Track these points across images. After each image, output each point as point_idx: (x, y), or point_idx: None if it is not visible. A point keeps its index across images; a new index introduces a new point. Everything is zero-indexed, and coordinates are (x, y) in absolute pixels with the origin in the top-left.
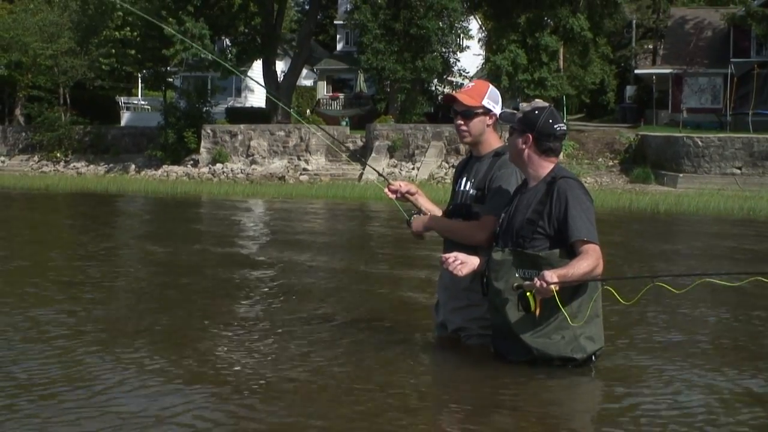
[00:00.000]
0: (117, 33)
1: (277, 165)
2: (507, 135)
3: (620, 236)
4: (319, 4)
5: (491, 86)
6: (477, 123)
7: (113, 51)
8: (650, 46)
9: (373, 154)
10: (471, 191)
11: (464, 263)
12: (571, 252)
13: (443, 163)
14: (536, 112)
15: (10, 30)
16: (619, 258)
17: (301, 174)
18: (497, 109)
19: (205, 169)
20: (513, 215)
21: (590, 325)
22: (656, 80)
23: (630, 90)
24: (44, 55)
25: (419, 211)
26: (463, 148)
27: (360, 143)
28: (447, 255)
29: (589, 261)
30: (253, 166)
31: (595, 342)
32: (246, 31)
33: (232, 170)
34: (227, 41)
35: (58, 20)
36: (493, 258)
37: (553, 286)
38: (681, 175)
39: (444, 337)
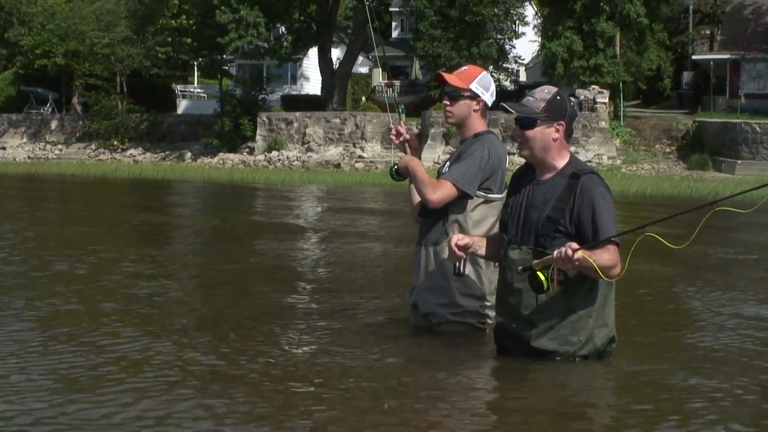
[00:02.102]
0: (173, 21)
1: (333, 152)
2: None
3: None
4: None
5: (484, 72)
6: (462, 105)
7: (169, 39)
8: (707, 32)
9: (429, 141)
10: (444, 170)
11: None
12: None
13: None
14: (559, 97)
15: (67, 19)
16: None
17: (356, 161)
18: (486, 96)
19: (260, 157)
20: (528, 209)
21: (602, 316)
22: (714, 66)
23: (687, 76)
24: (101, 44)
25: None
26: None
27: (415, 130)
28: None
29: (612, 257)
30: (309, 154)
31: (607, 327)
32: (301, 18)
33: (287, 158)
34: (283, 29)
35: (114, 9)
36: (509, 257)
37: (578, 254)
38: (739, 161)
39: (418, 325)
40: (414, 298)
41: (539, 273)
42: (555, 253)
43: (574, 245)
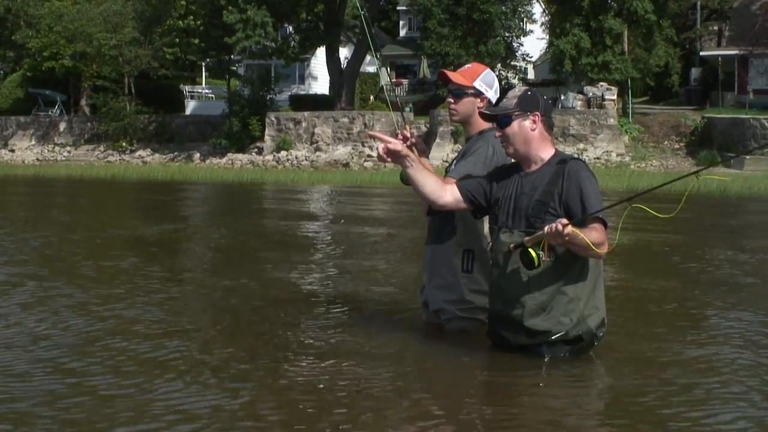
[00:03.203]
0: (180, 22)
1: (341, 152)
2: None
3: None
4: None
5: (488, 69)
6: (466, 103)
7: (177, 40)
8: (715, 28)
9: (438, 140)
10: (451, 168)
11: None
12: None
13: None
14: (530, 93)
15: (74, 21)
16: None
17: (365, 160)
18: (490, 93)
19: (269, 157)
20: (518, 197)
21: (593, 299)
22: (722, 62)
23: (695, 72)
24: (108, 46)
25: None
26: None
27: (424, 129)
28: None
29: (600, 235)
30: (318, 153)
31: (599, 311)
32: (309, 18)
33: (296, 157)
34: (290, 28)
35: (121, 10)
36: (501, 239)
37: (568, 229)
38: (748, 157)
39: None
40: (425, 296)
41: (530, 249)
42: (546, 228)
43: (564, 221)
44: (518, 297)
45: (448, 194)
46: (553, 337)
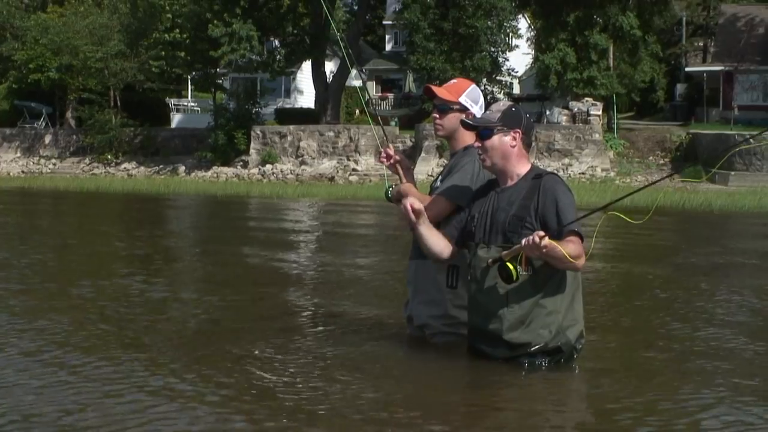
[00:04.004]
0: (166, 35)
1: (327, 165)
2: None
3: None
4: (367, 4)
5: (473, 85)
6: (451, 118)
7: (163, 53)
8: (701, 44)
9: (423, 154)
10: (437, 184)
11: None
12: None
13: None
14: (514, 109)
15: (60, 33)
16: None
17: (350, 174)
18: (475, 109)
19: (254, 170)
20: (494, 213)
21: (571, 311)
22: (707, 78)
23: (680, 88)
24: (94, 58)
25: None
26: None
27: (409, 143)
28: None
29: (577, 248)
30: (303, 167)
31: (578, 324)
32: (294, 32)
33: (281, 171)
34: (276, 42)
35: (107, 23)
36: (478, 255)
37: (545, 241)
38: (732, 173)
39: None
40: (409, 311)
41: (508, 263)
42: (523, 241)
43: (541, 233)
44: (497, 311)
45: (447, 250)
46: (532, 349)
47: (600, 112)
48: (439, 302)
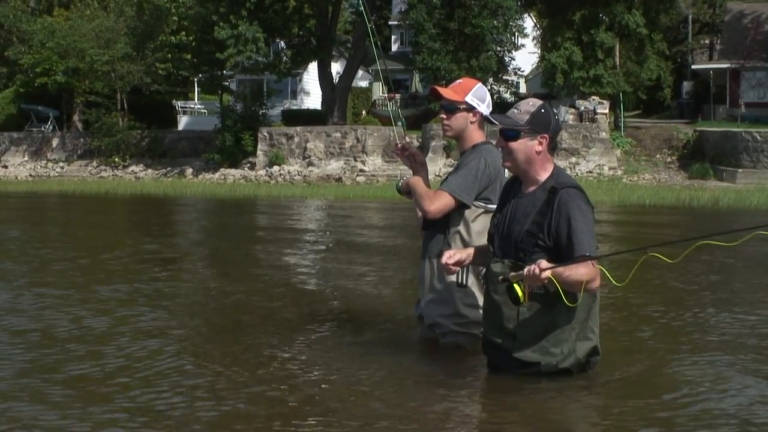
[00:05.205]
0: (172, 38)
1: (334, 166)
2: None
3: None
4: (373, 5)
5: (479, 84)
6: (459, 118)
7: (169, 56)
8: (707, 41)
9: (430, 154)
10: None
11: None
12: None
13: None
14: (543, 110)
15: (67, 37)
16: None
17: (357, 175)
18: (482, 108)
19: (262, 172)
20: (510, 222)
21: (586, 327)
22: (713, 75)
23: (687, 86)
24: (101, 61)
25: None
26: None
27: (416, 143)
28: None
29: (588, 271)
30: (310, 168)
31: (592, 340)
32: (300, 33)
33: (288, 172)
34: (282, 44)
35: (114, 26)
36: (492, 270)
37: (545, 274)
38: (740, 170)
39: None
40: (419, 310)
41: (516, 285)
42: (525, 269)
43: (544, 264)
44: (509, 329)
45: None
46: (541, 368)
47: (607, 111)
48: (450, 301)
